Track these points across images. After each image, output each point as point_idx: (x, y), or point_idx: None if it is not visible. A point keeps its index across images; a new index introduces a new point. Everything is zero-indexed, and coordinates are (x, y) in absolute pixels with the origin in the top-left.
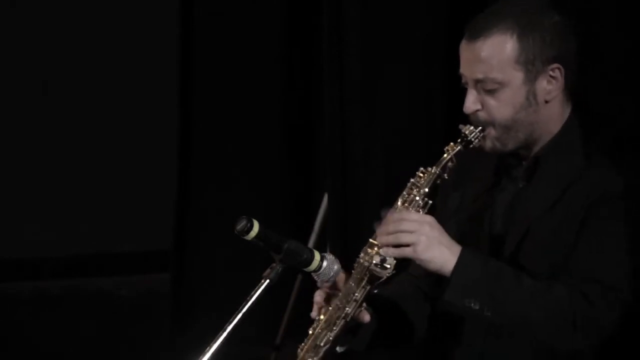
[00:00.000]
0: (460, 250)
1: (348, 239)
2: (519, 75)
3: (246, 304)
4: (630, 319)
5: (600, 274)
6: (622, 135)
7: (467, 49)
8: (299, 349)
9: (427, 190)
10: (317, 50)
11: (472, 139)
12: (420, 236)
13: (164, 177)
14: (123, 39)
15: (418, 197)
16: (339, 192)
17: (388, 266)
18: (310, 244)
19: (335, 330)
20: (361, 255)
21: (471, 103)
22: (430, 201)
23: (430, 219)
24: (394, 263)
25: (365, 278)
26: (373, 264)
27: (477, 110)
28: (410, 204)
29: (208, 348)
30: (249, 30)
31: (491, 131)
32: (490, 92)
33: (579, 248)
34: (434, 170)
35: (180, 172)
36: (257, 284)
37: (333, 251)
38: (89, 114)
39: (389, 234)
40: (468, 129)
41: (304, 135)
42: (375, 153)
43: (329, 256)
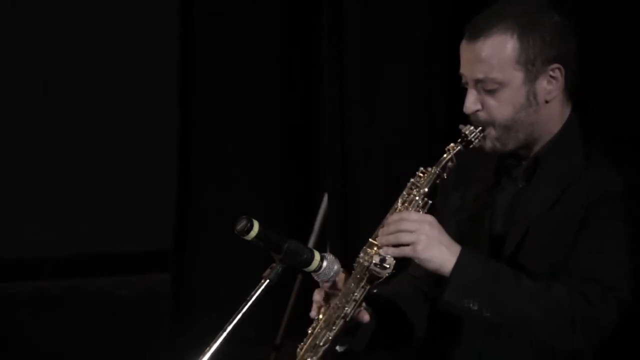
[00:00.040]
0: (460, 251)
1: (348, 239)
2: (519, 75)
3: (246, 304)
4: (630, 319)
5: (600, 274)
6: (622, 135)
7: (467, 49)
8: (298, 349)
9: (427, 190)
10: (317, 50)
11: (472, 139)
12: (420, 235)
13: (164, 177)
14: (123, 39)
15: (418, 197)
16: (339, 192)
17: (387, 266)
18: (310, 244)
19: (335, 329)
20: (361, 255)
21: (471, 103)
22: (430, 201)
23: (431, 219)
24: (394, 263)
25: (365, 278)
26: (373, 264)
27: (477, 110)
28: (410, 203)
29: (208, 348)
30: (249, 30)
31: (491, 131)
32: (491, 92)
33: (578, 248)
34: (434, 170)
35: (180, 172)
36: (257, 284)
37: (333, 251)
38: (89, 114)
39: (389, 233)
40: (468, 129)
41: (304, 135)
42: (375, 153)
43: (329, 256)
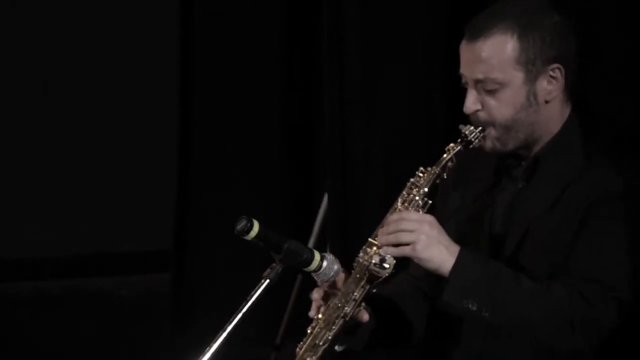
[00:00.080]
0: (459, 251)
1: (348, 239)
2: (519, 76)
3: (246, 304)
4: (630, 319)
5: (600, 274)
6: (622, 135)
7: (467, 49)
8: (298, 348)
9: (427, 190)
10: (317, 50)
11: (472, 139)
12: (420, 235)
13: (164, 177)
14: (123, 39)
15: (418, 197)
16: (339, 192)
17: (387, 266)
18: (310, 244)
19: (334, 329)
20: (360, 254)
21: (471, 103)
22: (430, 201)
23: (430, 218)
24: (393, 263)
25: (365, 277)
26: (372, 264)
27: (477, 110)
28: (410, 203)
29: (208, 348)
30: (249, 30)
31: (491, 131)
32: (491, 92)
33: (578, 248)
34: (434, 170)
35: (180, 172)
36: (257, 284)
37: (333, 251)
38: (89, 114)
39: (389, 233)
40: (468, 129)
41: (304, 135)
42: (375, 153)
43: (329, 256)
